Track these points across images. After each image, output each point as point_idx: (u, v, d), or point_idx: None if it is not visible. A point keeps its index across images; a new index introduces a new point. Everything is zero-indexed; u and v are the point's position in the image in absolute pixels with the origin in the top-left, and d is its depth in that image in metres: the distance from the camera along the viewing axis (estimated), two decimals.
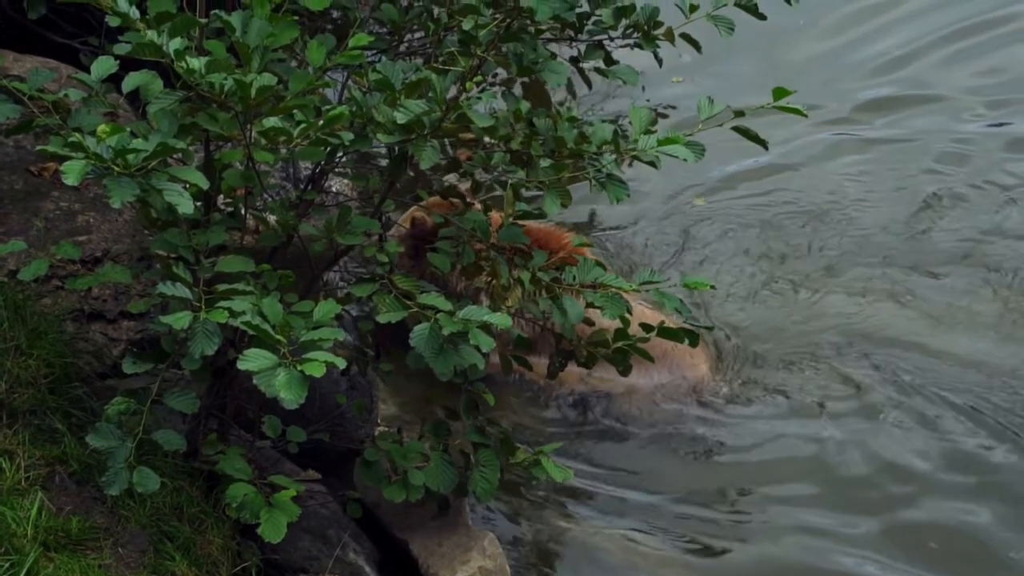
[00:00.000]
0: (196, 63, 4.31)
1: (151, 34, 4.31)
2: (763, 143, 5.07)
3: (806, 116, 5.00)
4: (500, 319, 4.46)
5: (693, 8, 5.14)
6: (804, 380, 7.02)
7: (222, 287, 4.54)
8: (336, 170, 5.31)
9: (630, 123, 4.79)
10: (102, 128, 4.27)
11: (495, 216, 5.41)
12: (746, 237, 7.98)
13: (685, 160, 4.72)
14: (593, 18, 5.16)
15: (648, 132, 4.78)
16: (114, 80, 4.90)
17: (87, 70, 5.02)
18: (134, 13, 4.33)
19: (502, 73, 5.03)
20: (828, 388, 6.98)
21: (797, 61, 9.42)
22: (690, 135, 4.85)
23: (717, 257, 7.84)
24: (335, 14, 5.37)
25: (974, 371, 7.06)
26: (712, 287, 5.12)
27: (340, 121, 4.41)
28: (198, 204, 4.70)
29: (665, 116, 8.69)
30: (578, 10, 4.98)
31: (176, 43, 4.32)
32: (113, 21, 4.39)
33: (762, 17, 5.15)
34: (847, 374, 7.05)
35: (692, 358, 6.87)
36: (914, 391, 6.93)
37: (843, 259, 7.84)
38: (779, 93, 4.86)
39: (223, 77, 4.32)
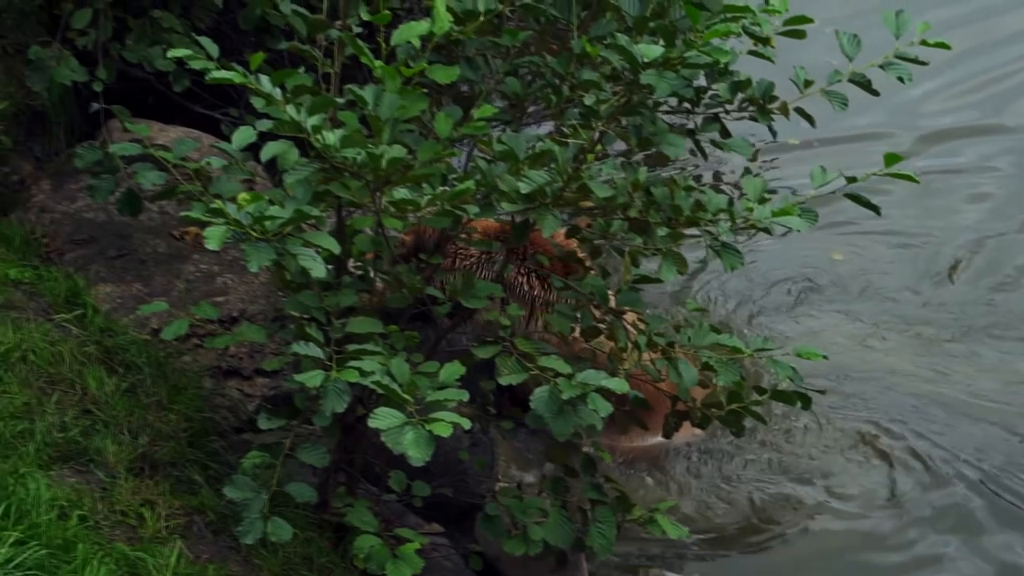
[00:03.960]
0: (332, 138, 4.48)
1: (291, 109, 4.51)
2: (875, 209, 5.11)
3: (918, 182, 5.02)
4: (617, 384, 4.59)
5: (808, 83, 5.23)
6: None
7: (352, 347, 4.71)
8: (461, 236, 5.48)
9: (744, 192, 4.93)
10: (242, 196, 4.46)
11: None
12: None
13: (799, 231, 4.83)
14: (710, 92, 5.27)
15: (763, 201, 4.90)
16: (252, 149, 5.03)
17: (227, 139, 5.19)
18: (276, 93, 4.52)
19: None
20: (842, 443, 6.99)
21: None
22: (803, 203, 4.95)
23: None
24: (463, 88, 5.53)
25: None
26: (825, 358, 5.15)
27: (466, 194, 4.57)
28: (330, 267, 4.89)
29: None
30: (695, 83, 5.10)
31: (314, 120, 4.50)
32: (257, 103, 4.56)
33: (875, 93, 5.21)
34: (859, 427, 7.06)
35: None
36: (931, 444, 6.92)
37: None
38: (890, 159, 4.91)
39: (357, 152, 4.50)
